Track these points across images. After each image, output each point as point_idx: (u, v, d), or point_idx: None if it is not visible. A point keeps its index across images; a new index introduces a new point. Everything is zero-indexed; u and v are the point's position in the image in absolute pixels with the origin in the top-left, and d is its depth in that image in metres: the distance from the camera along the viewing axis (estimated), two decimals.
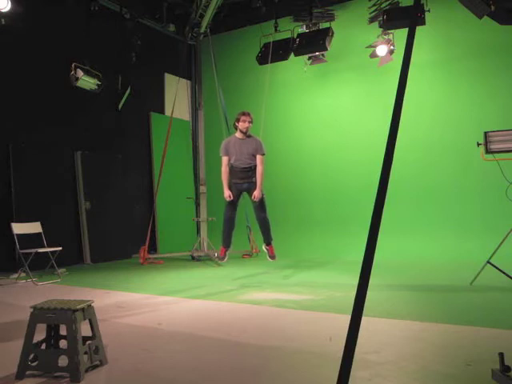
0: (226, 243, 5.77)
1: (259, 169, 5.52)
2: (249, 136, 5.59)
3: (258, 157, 5.52)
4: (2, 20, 6.44)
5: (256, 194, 5.49)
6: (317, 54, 8.25)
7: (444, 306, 4.25)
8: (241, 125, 5.51)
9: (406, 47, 1.86)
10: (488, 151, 5.05)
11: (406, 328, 3.49)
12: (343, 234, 8.56)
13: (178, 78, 9.19)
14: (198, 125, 9.35)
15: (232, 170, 5.59)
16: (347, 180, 8.87)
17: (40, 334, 2.71)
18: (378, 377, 2.48)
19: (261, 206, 5.60)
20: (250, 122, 5.53)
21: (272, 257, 5.81)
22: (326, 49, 7.66)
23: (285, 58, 8.09)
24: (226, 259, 5.91)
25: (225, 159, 5.57)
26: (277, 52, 8.06)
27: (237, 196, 5.65)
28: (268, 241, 5.80)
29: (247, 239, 8.64)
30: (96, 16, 8.27)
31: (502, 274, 4.82)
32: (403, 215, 8.11)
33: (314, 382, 2.49)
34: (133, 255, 8.63)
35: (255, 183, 5.53)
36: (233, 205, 5.65)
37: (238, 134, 5.60)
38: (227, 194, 5.54)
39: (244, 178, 5.56)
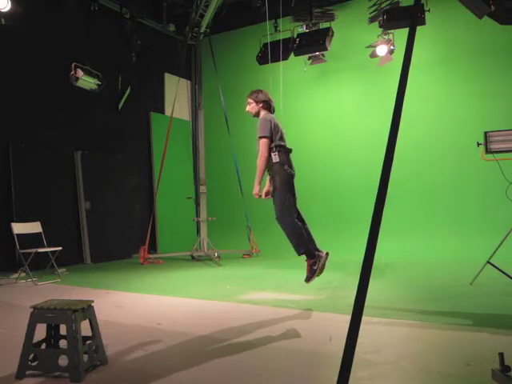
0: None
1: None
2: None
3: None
4: (2, 20, 6.44)
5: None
6: (317, 53, 8.24)
7: (444, 306, 4.25)
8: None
9: (407, 47, 1.86)
10: (488, 151, 5.06)
11: (406, 328, 3.48)
12: (343, 234, 8.54)
13: (178, 78, 9.19)
14: (198, 125, 9.34)
15: None
16: (347, 180, 8.86)
17: (40, 334, 2.72)
18: (377, 377, 2.48)
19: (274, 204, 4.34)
20: (248, 104, 4.58)
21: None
22: (326, 49, 7.65)
23: (285, 57, 8.08)
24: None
25: None
26: (277, 52, 8.05)
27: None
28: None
29: (247, 239, 8.64)
30: (96, 16, 8.28)
31: (502, 274, 4.82)
32: (403, 215, 8.11)
33: (313, 382, 2.49)
34: (133, 255, 8.63)
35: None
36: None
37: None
38: None
39: None
